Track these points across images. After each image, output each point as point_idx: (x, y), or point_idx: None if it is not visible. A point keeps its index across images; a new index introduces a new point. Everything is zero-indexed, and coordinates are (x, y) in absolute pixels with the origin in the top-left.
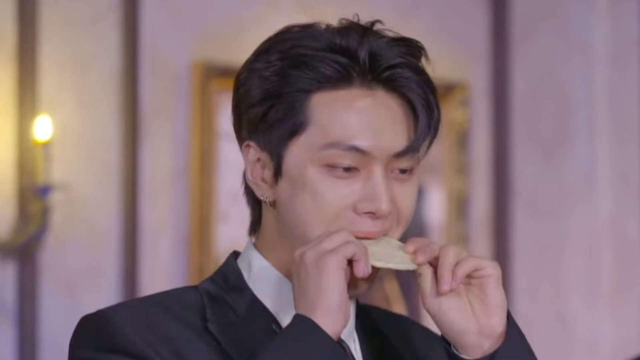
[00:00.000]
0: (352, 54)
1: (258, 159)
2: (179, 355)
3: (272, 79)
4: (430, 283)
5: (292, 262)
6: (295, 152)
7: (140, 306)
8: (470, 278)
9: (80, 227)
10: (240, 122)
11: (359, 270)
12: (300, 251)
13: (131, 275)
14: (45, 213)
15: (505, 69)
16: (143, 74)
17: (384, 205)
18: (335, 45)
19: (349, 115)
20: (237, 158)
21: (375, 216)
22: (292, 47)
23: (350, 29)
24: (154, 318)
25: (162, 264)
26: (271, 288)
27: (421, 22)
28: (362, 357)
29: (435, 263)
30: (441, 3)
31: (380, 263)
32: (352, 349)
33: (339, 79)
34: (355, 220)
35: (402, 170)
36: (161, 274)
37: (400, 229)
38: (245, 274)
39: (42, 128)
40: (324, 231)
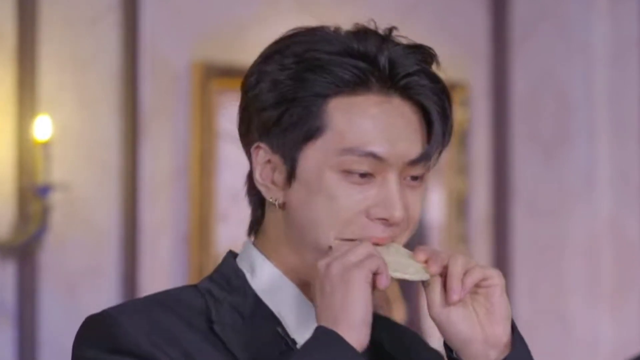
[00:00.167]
0: (371, 59)
1: (269, 160)
2: (187, 355)
3: (286, 83)
4: (439, 293)
5: (299, 265)
6: (310, 156)
7: (144, 307)
8: (477, 287)
9: (80, 227)
10: (249, 125)
11: (381, 283)
12: (325, 262)
13: (131, 275)
14: (45, 213)
15: (505, 69)
16: (143, 74)
17: (397, 213)
18: (353, 50)
19: (366, 121)
20: (237, 158)
21: (388, 223)
22: (307, 50)
23: (367, 34)
24: (159, 319)
25: (162, 264)
26: (275, 291)
27: (421, 22)
28: None
29: (443, 272)
30: (441, 3)
31: (398, 274)
32: None
33: (357, 84)
34: (367, 225)
35: (413, 177)
36: (161, 273)
37: (407, 235)
38: (248, 276)
39: (42, 128)
40: (341, 241)
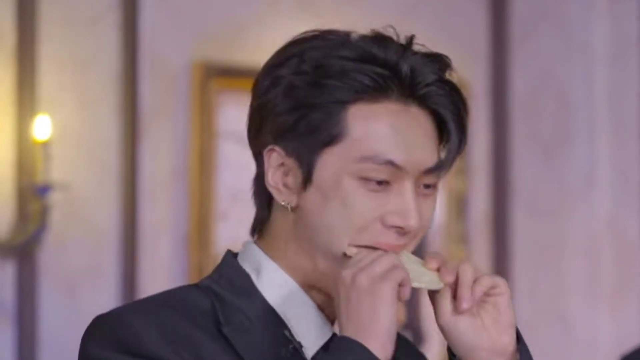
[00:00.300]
0: (392, 67)
1: (282, 164)
2: (199, 357)
3: (304, 88)
4: (450, 301)
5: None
6: (328, 161)
7: (151, 307)
8: (486, 296)
9: (79, 227)
10: (260, 127)
11: (404, 294)
12: (351, 273)
13: (131, 274)
14: (44, 212)
15: (505, 69)
16: (143, 73)
17: (413, 222)
18: (374, 56)
19: (386, 130)
20: (237, 158)
21: (402, 231)
22: (325, 55)
23: (386, 40)
24: (168, 319)
25: (162, 264)
26: (282, 293)
27: (421, 22)
28: None
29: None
30: (441, 3)
31: (415, 283)
32: None
33: (377, 90)
34: (382, 232)
35: (426, 185)
36: (161, 273)
37: (416, 242)
38: (254, 277)
39: (42, 127)
40: (359, 248)
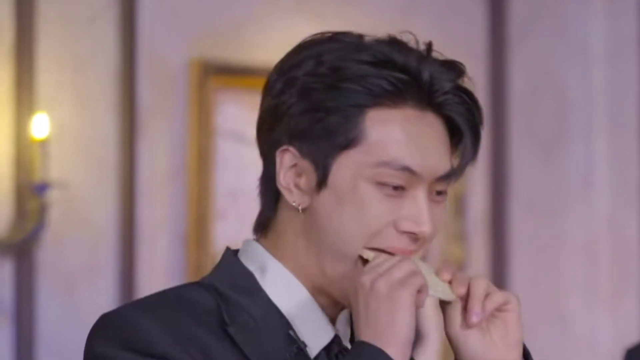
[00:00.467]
0: (411, 72)
1: (295, 164)
2: (207, 355)
3: (321, 91)
4: (461, 313)
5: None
6: (344, 165)
7: (156, 306)
8: (496, 311)
9: (77, 225)
10: (273, 127)
11: (421, 301)
12: (370, 278)
13: (129, 273)
14: (42, 211)
15: (504, 68)
16: (141, 72)
17: (426, 228)
18: (393, 62)
19: (403, 135)
20: (235, 156)
21: (415, 237)
22: (342, 58)
23: (405, 46)
24: (174, 318)
25: (160, 262)
26: (287, 293)
27: (420, 22)
28: None
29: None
30: (440, 3)
31: (431, 292)
32: None
33: (396, 96)
34: (394, 237)
35: (438, 192)
36: (159, 271)
37: (425, 248)
38: (258, 276)
39: (40, 126)
40: (375, 251)
